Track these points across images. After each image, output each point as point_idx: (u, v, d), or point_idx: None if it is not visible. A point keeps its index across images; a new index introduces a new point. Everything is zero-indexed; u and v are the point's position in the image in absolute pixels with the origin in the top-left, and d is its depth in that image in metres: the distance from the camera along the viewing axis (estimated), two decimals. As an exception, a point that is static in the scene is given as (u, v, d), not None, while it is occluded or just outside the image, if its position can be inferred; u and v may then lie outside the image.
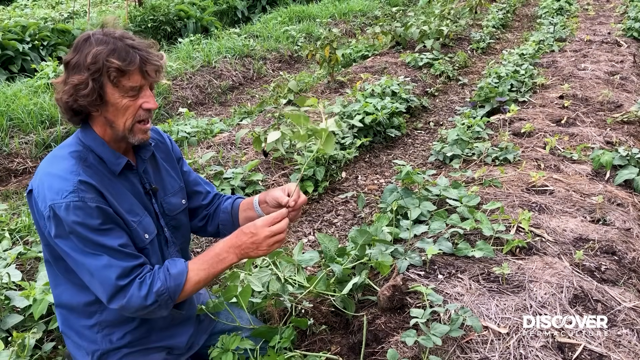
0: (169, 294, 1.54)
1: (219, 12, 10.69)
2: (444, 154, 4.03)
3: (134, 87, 1.50)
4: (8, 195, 4.11)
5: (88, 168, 1.53)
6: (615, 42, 7.20)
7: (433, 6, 9.61)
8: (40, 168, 1.56)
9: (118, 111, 1.52)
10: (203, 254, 1.64)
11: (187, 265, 1.60)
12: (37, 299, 2.18)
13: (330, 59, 5.86)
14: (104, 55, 1.45)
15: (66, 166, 1.50)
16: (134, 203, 1.62)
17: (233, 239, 1.62)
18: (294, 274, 2.22)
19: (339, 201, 3.80)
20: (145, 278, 1.52)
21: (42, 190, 1.49)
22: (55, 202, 1.45)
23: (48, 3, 12.78)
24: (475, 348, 1.91)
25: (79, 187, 1.46)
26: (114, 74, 1.46)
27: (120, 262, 1.49)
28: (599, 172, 3.46)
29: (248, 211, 1.89)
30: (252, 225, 1.60)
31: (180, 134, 4.49)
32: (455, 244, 2.47)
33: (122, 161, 1.61)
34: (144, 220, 1.63)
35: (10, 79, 6.73)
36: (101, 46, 1.47)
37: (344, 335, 2.20)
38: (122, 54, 1.46)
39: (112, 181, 1.58)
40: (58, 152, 1.58)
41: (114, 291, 1.49)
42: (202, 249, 3.12)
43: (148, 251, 1.64)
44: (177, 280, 1.55)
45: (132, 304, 1.50)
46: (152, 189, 1.72)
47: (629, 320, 2.03)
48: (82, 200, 1.45)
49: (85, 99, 1.48)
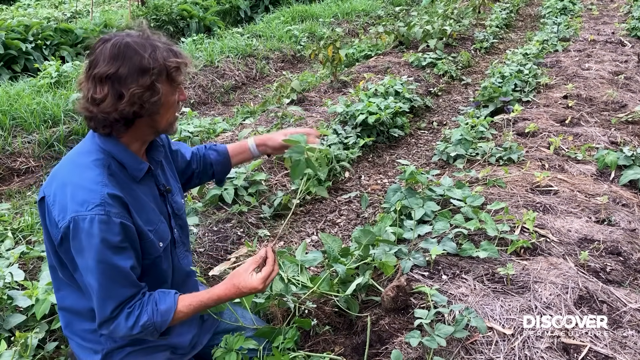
0: (154, 328, 1.55)
1: (221, 12, 10.68)
2: (447, 154, 4.01)
3: (182, 81, 1.53)
4: (11, 195, 4.11)
5: (112, 177, 1.49)
6: (619, 42, 7.17)
7: (436, 6, 9.60)
8: (57, 175, 1.51)
9: (168, 108, 1.53)
10: (197, 293, 1.64)
11: (176, 301, 1.59)
12: (40, 298, 2.17)
13: (333, 59, 5.85)
14: (163, 56, 1.45)
15: (91, 176, 1.46)
16: (152, 210, 1.61)
17: (230, 289, 1.62)
18: (297, 274, 2.21)
19: (343, 201, 3.79)
20: (134, 309, 1.52)
21: (62, 199, 1.44)
22: (79, 213, 1.41)
23: (51, 2, 12.79)
24: (480, 349, 1.89)
25: (107, 200, 1.43)
26: (174, 72, 1.48)
27: (121, 291, 1.49)
28: (603, 172, 3.45)
29: (243, 154, 2.01)
30: (242, 280, 1.60)
31: (183, 133, 4.48)
32: (460, 245, 2.46)
33: (144, 167, 1.59)
34: (159, 227, 1.62)
35: (13, 79, 6.73)
36: (153, 49, 1.45)
37: (348, 336, 2.19)
38: (173, 52, 1.49)
39: (133, 188, 1.56)
40: (79, 160, 1.52)
41: (105, 319, 1.51)
42: (204, 249, 3.11)
43: (160, 259, 1.63)
44: (164, 316, 1.56)
45: (118, 332, 1.53)
46: (166, 190, 1.71)
47: (634, 322, 2.02)
48: (107, 215, 1.42)
49: (154, 105, 1.47)
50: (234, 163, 2.03)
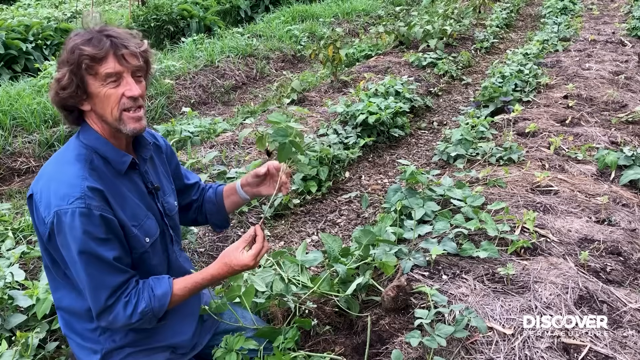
0: (152, 314, 1.58)
1: (222, 12, 10.68)
2: (447, 154, 4.01)
3: (110, 74, 1.47)
4: (11, 195, 4.11)
5: (94, 171, 1.52)
6: (620, 42, 7.17)
7: (436, 5, 9.60)
8: (44, 173, 1.55)
9: (102, 102, 1.50)
10: (191, 275, 1.67)
11: (171, 284, 1.61)
12: (40, 298, 2.17)
13: (333, 59, 5.85)
14: (78, 46, 1.45)
15: (72, 171, 1.49)
16: (137, 205, 1.62)
17: (222, 267, 1.65)
18: (297, 274, 2.21)
19: (343, 201, 3.79)
20: (131, 297, 1.54)
21: (47, 195, 1.47)
22: (61, 207, 1.44)
23: (51, 2, 12.79)
24: (480, 349, 1.89)
25: (87, 193, 1.45)
26: (87, 62, 1.44)
27: (111, 279, 1.51)
28: (604, 172, 3.45)
29: (232, 196, 1.97)
30: (233, 258, 1.62)
31: (183, 133, 4.49)
32: (460, 245, 2.46)
33: (127, 159, 1.60)
34: (145, 223, 1.63)
35: (14, 79, 6.73)
36: (78, 38, 1.47)
37: (348, 336, 2.19)
38: (95, 42, 1.45)
39: (116, 183, 1.57)
40: (62, 156, 1.57)
41: (101, 309, 1.53)
42: (204, 249, 3.11)
43: (148, 254, 1.64)
44: (162, 301, 1.58)
45: (118, 322, 1.55)
46: (154, 187, 1.71)
47: (634, 322, 2.02)
48: (87, 207, 1.44)
49: (65, 92, 1.48)
50: (227, 205, 1.99)
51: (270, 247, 1.73)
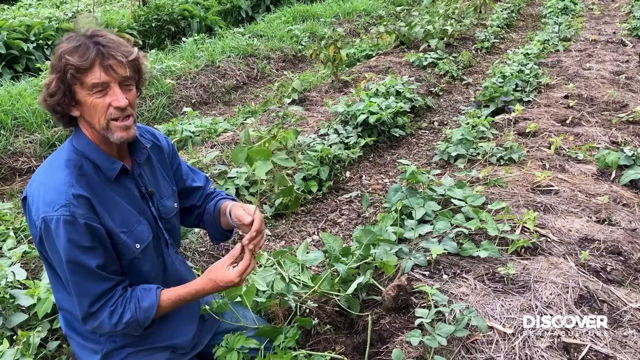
0: (138, 324, 1.59)
1: (223, 12, 10.68)
2: (448, 154, 4.02)
3: (96, 84, 1.43)
4: (13, 194, 4.12)
5: (82, 177, 1.50)
6: (621, 42, 7.17)
7: (437, 5, 9.60)
8: (36, 176, 1.55)
9: (89, 110, 1.48)
10: (176, 288, 1.66)
11: (158, 296, 1.61)
12: (42, 297, 2.18)
13: (334, 59, 5.85)
14: (64, 54, 1.43)
15: (60, 177, 1.48)
16: (128, 211, 1.60)
17: (207, 282, 1.64)
18: (298, 273, 2.21)
19: (343, 201, 3.79)
20: (117, 306, 1.55)
21: (37, 200, 1.47)
22: (47, 214, 1.44)
23: (52, 2, 12.80)
24: (481, 348, 1.90)
25: (72, 201, 1.44)
26: (72, 72, 1.42)
27: (94, 286, 1.51)
28: (604, 172, 3.45)
29: (223, 218, 1.89)
30: (219, 274, 1.62)
31: (184, 133, 4.49)
32: (460, 244, 2.47)
33: (117, 166, 1.58)
34: (136, 228, 1.61)
35: (15, 78, 6.74)
36: (66, 45, 1.45)
37: (349, 335, 2.19)
38: (81, 51, 1.42)
39: (105, 189, 1.55)
40: (53, 161, 1.56)
41: (86, 315, 1.54)
42: (205, 249, 3.12)
43: (139, 261, 1.63)
44: (147, 313, 1.59)
45: (103, 328, 1.57)
46: (148, 192, 1.69)
47: (635, 321, 2.02)
48: (72, 215, 1.43)
49: (53, 99, 1.46)
50: (223, 223, 1.91)
51: (255, 264, 1.71)
